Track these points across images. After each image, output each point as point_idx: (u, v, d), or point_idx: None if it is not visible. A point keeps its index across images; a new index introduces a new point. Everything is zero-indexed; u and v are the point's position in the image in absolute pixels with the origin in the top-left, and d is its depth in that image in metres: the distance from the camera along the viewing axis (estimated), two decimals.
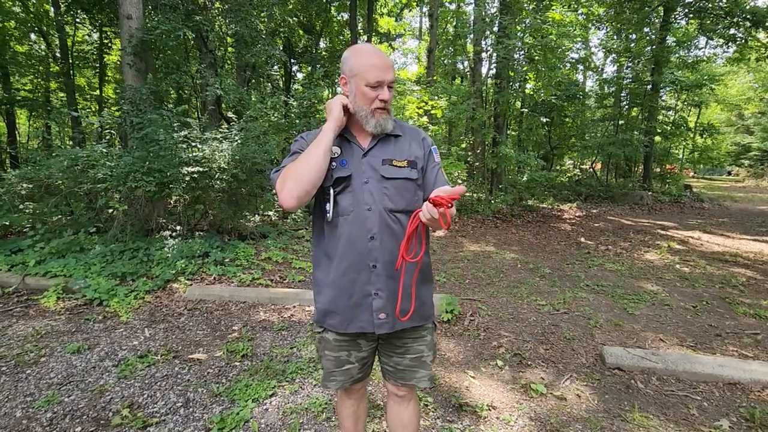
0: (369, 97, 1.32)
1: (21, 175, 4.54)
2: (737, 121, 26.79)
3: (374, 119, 1.34)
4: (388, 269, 1.36)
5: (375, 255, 1.35)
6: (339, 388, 1.52)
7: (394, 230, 1.36)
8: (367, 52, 1.34)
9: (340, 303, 1.38)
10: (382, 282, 1.36)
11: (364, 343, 1.47)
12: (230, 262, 4.64)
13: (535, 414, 2.29)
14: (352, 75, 1.32)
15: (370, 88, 1.30)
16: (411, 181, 1.38)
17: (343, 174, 1.34)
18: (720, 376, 2.61)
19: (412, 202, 1.39)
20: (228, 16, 7.09)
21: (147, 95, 5.46)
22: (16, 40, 11.03)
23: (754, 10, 9.96)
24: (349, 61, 1.34)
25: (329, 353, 1.47)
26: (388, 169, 1.36)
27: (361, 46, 1.39)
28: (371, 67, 1.29)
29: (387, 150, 1.39)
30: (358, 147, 1.39)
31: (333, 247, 1.39)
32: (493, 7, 11.33)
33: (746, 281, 4.80)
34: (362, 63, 1.31)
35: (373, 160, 1.37)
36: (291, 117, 7.28)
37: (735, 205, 12.21)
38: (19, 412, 2.21)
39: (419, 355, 1.48)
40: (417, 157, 1.41)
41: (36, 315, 3.47)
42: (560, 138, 13.95)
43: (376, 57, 1.31)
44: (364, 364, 1.51)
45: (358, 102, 1.34)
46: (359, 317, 1.39)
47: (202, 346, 3.02)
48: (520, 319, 3.63)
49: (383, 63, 1.31)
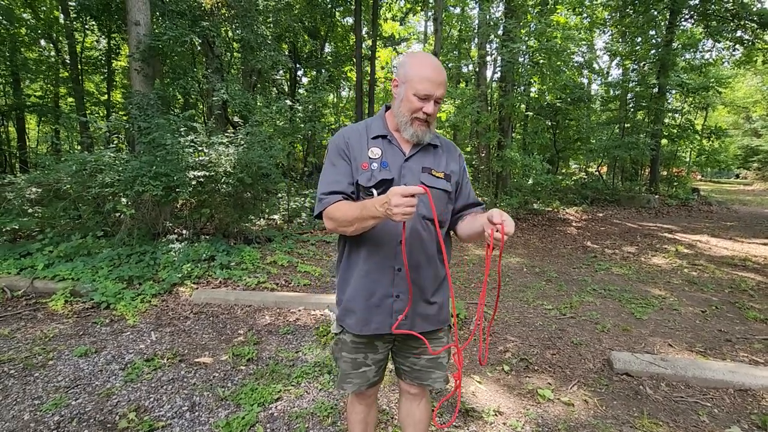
0: (414, 106, 1.32)
1: (30, 180, 4.60)
2: (744, 123, 26.55)
3: (412, 128, 1.35)
4: (412, 274, 1.38)
5: (401, 259, 1.36)
6: (355, 391, 1.53)
7: (422, 237, 1.38)
8: (424, 62, 1.33)
9: (358, 302, 1.40)
10: (404, 285, 1.38)
11: (381, 345, 1.49)
12: (236, 265, 4.66)
13: (542, 420, 2.26)
14: (405, 80, 1.33)
15: (418, 98, 1.31)
16: (446, 193, 1.42)
17: (387, 177, 1.35)
18: (731, 382, 2.57)
19: (442, 212, 1.43)
20: (234, 21, 7.16)
21: (154, 100, 5.52)
22: (27, 47, 11.21)
23: (761, 12, 9.89)
24: (405, 66, 1.34)
25: (346, 355, 1.49)
26: (428, 178, 1.38)
27: (421, 54, 1.38)
28: (424, 78, 1.29)
29: (427, 159, 1.41)
30: (399, 150, 1.40)
31: (360, 247, 1.40)
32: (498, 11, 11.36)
33: (756, 285, 4.74)
34: (417, 72, 1.30)
35: (414, 166, 1.39)
36: (296, 121, 7.32)
37: (743, 209, 12.07)
38: (27, 414, 2.22)
39: (435, 356, 1.50)
40: (453, 172, 1.45)
41: (44, 318, 3.49)
42: (566, 141, 13.89)
43: (431, 70, 1.30)
44: (380, 367, 1.53)
45: (402, 107, 1.35)
46: (376, 318, 1.40)
47: (208, 349, 3.02)
48: (526, 324, 3.60)
49: (437, 77, 1.30)
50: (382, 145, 1.40)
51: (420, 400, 1.59)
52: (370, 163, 1.36)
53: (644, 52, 12.53)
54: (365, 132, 1.43)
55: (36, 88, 12.63)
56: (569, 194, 12.51)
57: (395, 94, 1.38)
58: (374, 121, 1.46)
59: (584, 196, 12.26)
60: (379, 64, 17.74)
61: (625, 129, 12.91)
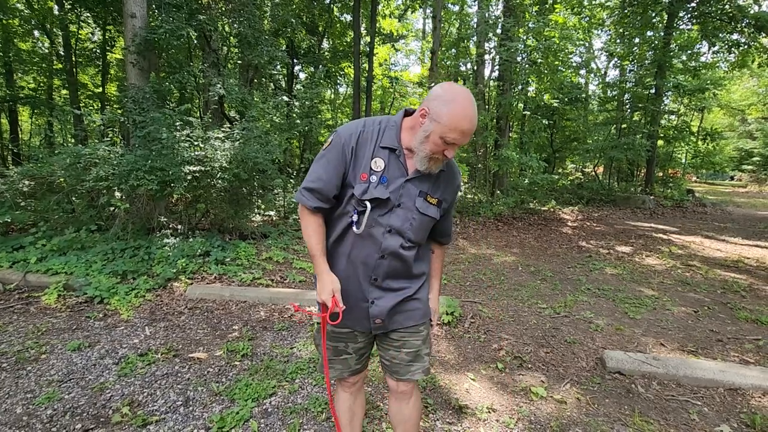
0: (437, 148, 1.27)
1: (23, 173, 4.55)
2: (740, 126, 26.74)
3: (427, 164, 1.32)
4: (389, 284, 1.41)
5: (380, 271, 1.39)
6: (338, 376, 1.56)
7: (403, 257, 1.40)
8: (464, 112, 1.23)
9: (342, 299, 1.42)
10: (380, 293, 1.42)
11: (360, 335, 1.50)
12: (231, 261, 4.64)
13: (534, 417, 2.28)
14: (437, 119, 1.24)
15: (444, 142, 1.26)
16: (433, 219, 1.42)
17: (382, 196, 1.32)
18: (721, 381, 2.60)
19: (424, 237, 1.46)
20: (231, 16, 7.11)
21: (150, 94, 5.47)
22: (20, 38, 11.07)
23: (757, 15, 9.95)
24: (441, 107, 1.24)
25: (328, 342, 1.50)
26: (422, 203, 1.38)
27: (461, 98, 1.24)
28: (459, 130, 1.23)
29: (426, 182, 1.39)
30: (403, 168, 1.36)
31: (342, 252, 1.42)
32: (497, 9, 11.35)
33: (748, 287, 4.79)
34: (452, 120, 1.22)
35: (412, 188, 1.37)
36: (293, 117, 7.29)
37: (737, 210, 12.18)
38: (19, 408, 2.21)
39: (416, 349, 1.51)
40: (446, 200, 1.45)
41: (37, 312, 3.47)
42: (562, 141, 13.93)
43: (468, 122, 1.23)
44: (361, 356, 1.55)
45: (425, 144, 1.28)
46: (351, 316, 1.44)
47: (202, 345, 3.02)
48: (520, 322, 3.62)
49: (470, 129, 1.25)
50: (388, 158, 1.35)
51: (409, 399, 1.59)
52: (370, 175, 1.34)
53: (642, 53, 12.58)
54: (377, 137, 1.36)
55: (29, 79, 12.48)
56: (565, 194, 12.57)
57: (420, 123, 1.29)
58: (389, 128, 1.37)
59: (580, 196, 12.32)
60: (377, 60, 17.67)
61: (622, 130, 12.98)
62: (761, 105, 23.85)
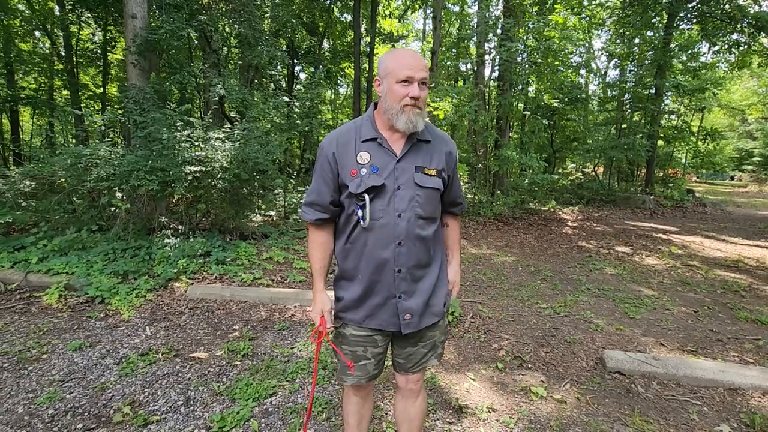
0: (399, 94, 1.32)
1: (24, 173, 4.56)
2: (740, 126, 26.73)
3: (404, 115, 1.33)
4: (413, 273, 1.41)
5: (401, 260, 1.38)
6: (355, 383, 1.55)
7: (421, 236, 1.40)
8: (400, 52, 1.36)
9: (362, 300, 1.44)
10: (407, 285, 1.41)
11: (380, 339, 1.50)
12: (232, 261, 4.65)
13: (534, 417, 2.29)
14: (385, 75, 1.35)
15: (400, 84, 1.31)
16: (437, 190, 1.43)
17: (377, 183, 1.35)
18: (721, 381, 2.61)
19: (436, 209, 1.46)
20: (232, 16, 7.12)
21: (150, 94, 5.48)
22: (21, 38, 11.09)
23: (757, 15, 9.94)
24: (384, 62, 1.36)
25: (346, 348, 1.50)
26: (421, 177, 1.38)
27: (397, 49, 1.42)
28: (404, 65, 1.31)
29: (419, 156, 1.40)
30: (390, 152, 1.38)
31: (358, 250, 1.42)
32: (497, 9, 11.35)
33: (748, 287, 4.79)
34: (395, 62, 1.33)
35: (407, 166, 1.38)
36: (293, 117, 7.29)
37: (737, 210, 12.18)
38: (21, 408, 2.22)
39: (432, 340, 1.54)
40: (444, 168, 1.45)
41: (38, 312, 3.48)
42: (563, 141, 13.93)
43: (409, 56, 1.33)
44: (379, 361, 1.55)
45: (388, 101, 1.34)
46: (380, 315, 1.43)
47: (203, 345, 3.02)
48: (520, 322, 3.63)
49: (416, 62, 1.32)
50: (371, 148, 1.38)
51: (416, 398, 1.60)
52: (359, 169, 1.36)
53: (642, 53, 12.58)
54: (355, 135, 1.41)
55: (30, 80, 12.50)
56: (565, 194, 12.57)
57: (379, 92, 1.39)
58: (363, 123, 1.43)
59: (580, 196, 12.32)
60: (377, 61, 17.70)
61: (622, 130, 12.98)
62: (761, 105, 23.83)
